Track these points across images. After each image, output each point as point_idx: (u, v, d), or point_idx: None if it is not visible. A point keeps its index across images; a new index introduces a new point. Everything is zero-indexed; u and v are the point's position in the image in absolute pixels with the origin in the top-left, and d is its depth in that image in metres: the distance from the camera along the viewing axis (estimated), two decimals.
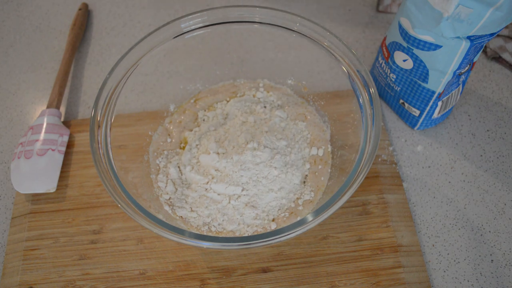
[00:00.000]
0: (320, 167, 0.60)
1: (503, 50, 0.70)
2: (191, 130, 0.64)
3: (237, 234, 0.56)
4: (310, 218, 0.46)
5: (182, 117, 0.65)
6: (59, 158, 0.62)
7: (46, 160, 0.61)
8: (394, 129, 0.66)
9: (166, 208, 0.57)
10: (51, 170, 0.61)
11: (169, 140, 0.63)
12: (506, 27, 0.70)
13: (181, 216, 0.57)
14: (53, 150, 0.62)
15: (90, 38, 0.77)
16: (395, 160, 0.62)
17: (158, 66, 0.62)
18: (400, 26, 0.57)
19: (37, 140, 0.62)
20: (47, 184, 0.60)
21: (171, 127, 0.64)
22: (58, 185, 0.61)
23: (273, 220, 0.57)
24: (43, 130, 0.63)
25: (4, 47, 0.77)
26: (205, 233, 0.55)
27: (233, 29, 0.60)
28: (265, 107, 0.65)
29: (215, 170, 0.58)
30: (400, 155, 0.63)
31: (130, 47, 0.56)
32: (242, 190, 0.57)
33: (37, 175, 0.60)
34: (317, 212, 0.47)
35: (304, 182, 0.60)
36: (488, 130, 0.65)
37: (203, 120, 0.65)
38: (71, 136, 0.65)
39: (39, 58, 0.75)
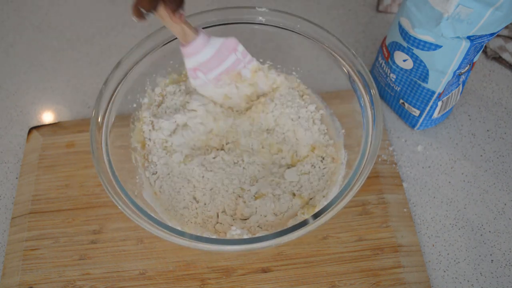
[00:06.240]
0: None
1: (503, 50, 0.70)
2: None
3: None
4: (311, 220, 0.46)
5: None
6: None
7: None
8: (394, 129, 0.66)
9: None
10: None
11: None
12: (506, 27, 0.70)
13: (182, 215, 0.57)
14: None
15: (90, 38, 0.77)
16: (395, 160, 0.62)
17: (158, 67, 0.62)
18: (400, 26, 0.57)
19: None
20: None
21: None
22: (58, 185, 0.61)
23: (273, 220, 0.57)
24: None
25: (4, 47, 0.77)
26: (205, 232, 0.55)
27: (233, 30, 0.60)
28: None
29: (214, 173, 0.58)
30: (400, 155, 0.63)
31: (130, 47, 0.56)
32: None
33: None
34: (318, 214, 0.46)
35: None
36: (488, 130, 0.65)
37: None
38: (71, 136, 0.65)
39: (39, 58, 0.75)
